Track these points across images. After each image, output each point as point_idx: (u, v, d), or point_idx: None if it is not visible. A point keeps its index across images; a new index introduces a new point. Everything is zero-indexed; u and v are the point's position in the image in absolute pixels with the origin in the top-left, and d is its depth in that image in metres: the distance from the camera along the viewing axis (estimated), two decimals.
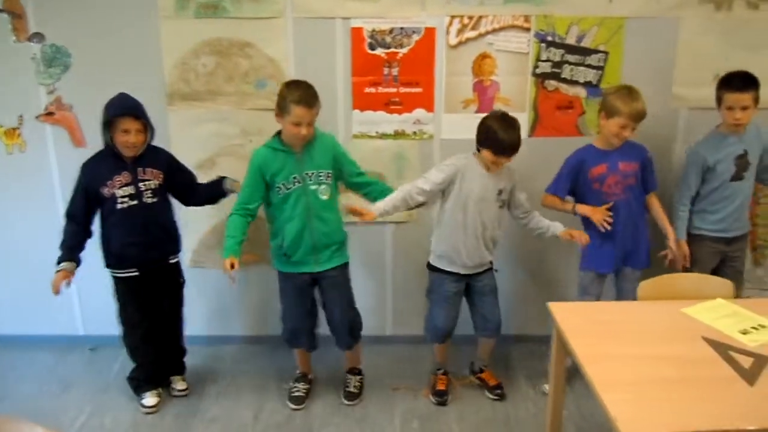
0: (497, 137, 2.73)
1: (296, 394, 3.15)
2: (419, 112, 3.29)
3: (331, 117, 3.24)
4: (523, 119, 3.27)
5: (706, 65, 3.23)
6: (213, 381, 3.33)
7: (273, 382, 3.30)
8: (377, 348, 3.53)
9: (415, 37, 3.19)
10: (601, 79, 3.25)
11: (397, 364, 3.47)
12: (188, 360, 3.30)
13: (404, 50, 3.21)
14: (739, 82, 2.87)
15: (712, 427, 1.69)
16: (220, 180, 3.08)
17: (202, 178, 3.14)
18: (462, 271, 2.98)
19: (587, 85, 3.26)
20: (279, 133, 2.86)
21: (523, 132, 3.29)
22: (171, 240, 3.06)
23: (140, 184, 2.87)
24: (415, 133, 3.32)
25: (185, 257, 3.39)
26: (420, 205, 2.94)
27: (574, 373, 2.88)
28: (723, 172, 2.99)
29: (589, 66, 3.24)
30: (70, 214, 2.90)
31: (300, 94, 2.69)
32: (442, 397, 3.13)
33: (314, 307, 3.08)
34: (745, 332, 2.18)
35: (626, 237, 3.02)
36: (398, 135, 3.32)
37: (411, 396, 3.18)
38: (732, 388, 1.89)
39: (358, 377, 3.25)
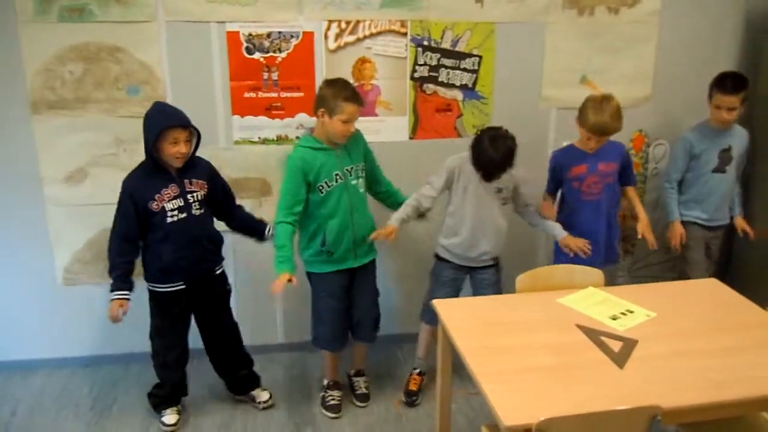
0: (487, 164, 2.77)
1: (332, 402, 3.09)
2: (302, 117, 3.27)
3: (211, 123, 3.16)
4: (404, 123, 3.34)
5: (572, 67, 3.42)
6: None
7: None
8: None
9: (294, 42, 3.17)
10: (476, 82, 3.36)
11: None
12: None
13: (283, 54, 3.18)
14: (730, 84, 3.03)
15: (586, 410, 1.77)
16: (265, 223, 3.02)
17: (74, 189, 2.98)
18: (460, 263, 3.01)
19: (463, 88, 3.36)
20: (310, 131, 2.86)
21: (404, 135, 3.36)
22: (218, 251, 2.94)
23: (188, 196, 2.75)
24: (298, 137, 3.28)
25: (58, 275, 3.23)
26: (429, 209, 2.99)
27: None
28: (707, 162, 3.17)
29: (464, 69, 3.34)
30: (123, 235, 2.71)
31: (350, 91, 2.73)
32: (411, 398, 3.13)
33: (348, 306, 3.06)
34: (614, 318, 2.32)
35: (601, 232, 3.08)
36: (281, 140, 3.28)
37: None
38: (603, 372, 2.00)
39: (365, 378, 3.23)
